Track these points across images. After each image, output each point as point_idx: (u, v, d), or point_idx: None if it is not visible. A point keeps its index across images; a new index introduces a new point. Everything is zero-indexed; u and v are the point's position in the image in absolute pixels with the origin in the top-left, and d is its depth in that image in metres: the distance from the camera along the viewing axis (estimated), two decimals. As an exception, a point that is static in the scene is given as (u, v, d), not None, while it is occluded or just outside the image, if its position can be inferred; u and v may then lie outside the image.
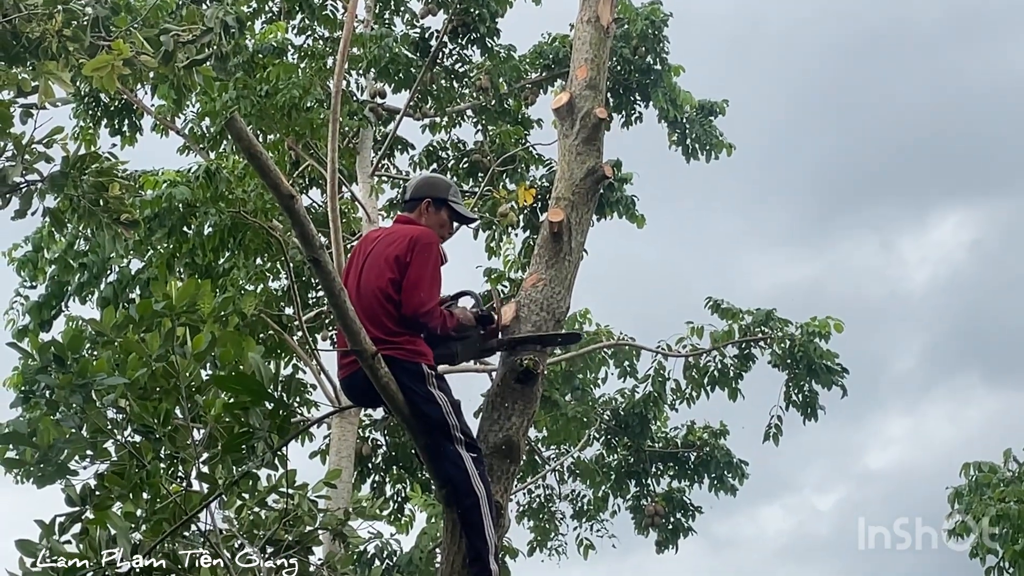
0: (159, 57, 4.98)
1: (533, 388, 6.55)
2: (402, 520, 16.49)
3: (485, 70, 16.19)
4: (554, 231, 6.95)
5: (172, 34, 4.93)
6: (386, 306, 6.26)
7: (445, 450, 6.13)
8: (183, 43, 4.94)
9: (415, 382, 6.12)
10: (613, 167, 16.28)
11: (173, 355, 8.41)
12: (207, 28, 5.00)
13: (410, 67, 15.79)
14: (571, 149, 7.26)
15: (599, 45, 7.54)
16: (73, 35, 4.83)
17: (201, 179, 12.79)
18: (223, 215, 13.10)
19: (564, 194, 7.13)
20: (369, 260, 6.45)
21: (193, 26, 5.08)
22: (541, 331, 6.74)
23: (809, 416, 15.43)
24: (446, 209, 6.73)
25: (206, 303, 9.13)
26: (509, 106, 16.78)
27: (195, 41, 4.99)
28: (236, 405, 7.24)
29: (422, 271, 6.33)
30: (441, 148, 17.10)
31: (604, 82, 7.47)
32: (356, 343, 5.94)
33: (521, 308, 6.79)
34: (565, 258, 6.96)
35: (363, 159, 15.84)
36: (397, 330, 6.22)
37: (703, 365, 15.72)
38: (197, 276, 13.44)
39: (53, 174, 5.52)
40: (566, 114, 7.35)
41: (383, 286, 6.29)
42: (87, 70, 4.92)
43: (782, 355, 15.30)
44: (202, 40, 5.00)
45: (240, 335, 8.93)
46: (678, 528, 16.83)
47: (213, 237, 13.33)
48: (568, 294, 6.94)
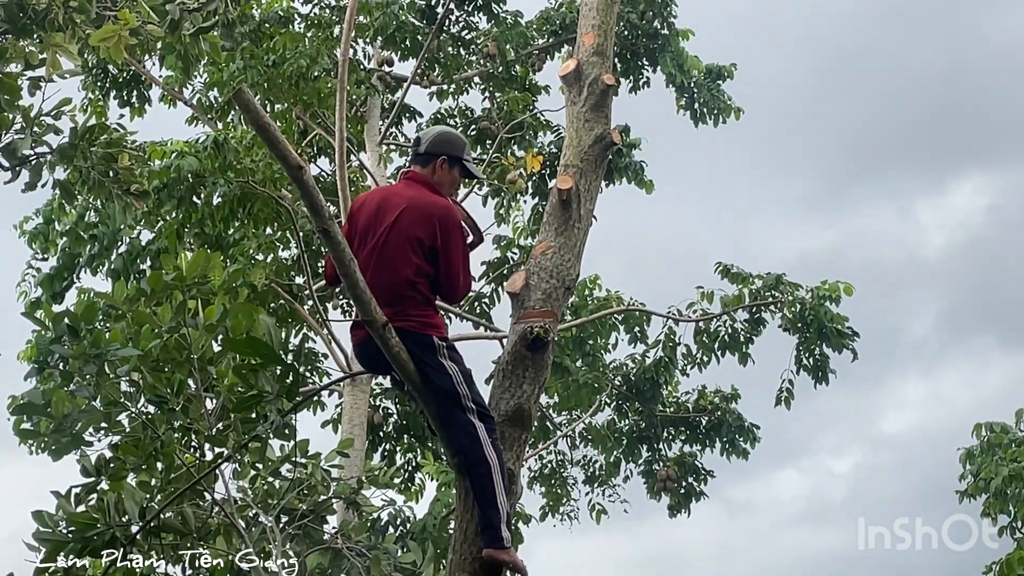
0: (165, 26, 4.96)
1: (544, 355, 6.54)
2: (413, 489, 16.54)
3: (492, 37, 16.16)
4: (563, 198, 6.92)
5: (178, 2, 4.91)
6: (411, 293, 6.20)
7: (457, 418, 6.12)
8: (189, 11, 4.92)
9: (426, 353, 6.11)
10: (621, 132, 16.26)
11: (185, 327, 8.45)
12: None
13: (417, 35, 15.77)
14: (579, 116, 7.22)
15: (606, 11, 7.49)
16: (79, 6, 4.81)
17: (209, 150, 12.78)
18: (232, 185, 13.09)
19: (572, 161, 7.09)
20: (389, 234, 6.26)
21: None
22: (551, 298, 6.73)
23: (820, 380, 15.43)
24: (459, 167, 6.65)
25: (216, 275, 9.16)
26: (516, 73, 16.75)
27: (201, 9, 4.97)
28: (247, 367, 7.25)
29: (455, 257, 6.30)
30: (449, 115, 17.06)
31: (611, 48, 7.43)
32: (367, 313, 5.93)
33: (531, 276, 6.77)
34: (574, 226, 6.93)
35: (371, 127, 15.82)
36: (419, 311, 6.22)
37: (713, 330, 15.72)
38: (207, 246, 13.48)
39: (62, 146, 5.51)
40: (573, 81, 7.31)
41: (409, 274, 6.21)
42: (94, 40, 4.90)
43: (792, 319, 15.28)
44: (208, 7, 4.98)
45: (251, 306, 8.97)
46: (690, 492, 16.87)
47: (222, 207, 13.32)
48: (578, 261, 6.92)
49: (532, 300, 6.71)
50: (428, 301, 6.26)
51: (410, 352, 6.10)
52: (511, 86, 16.63)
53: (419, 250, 6.24)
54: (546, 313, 6.67)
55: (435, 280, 6.29)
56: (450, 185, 6.66)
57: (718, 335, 15.71)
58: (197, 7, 4.94)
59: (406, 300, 6.18)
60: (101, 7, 4.97)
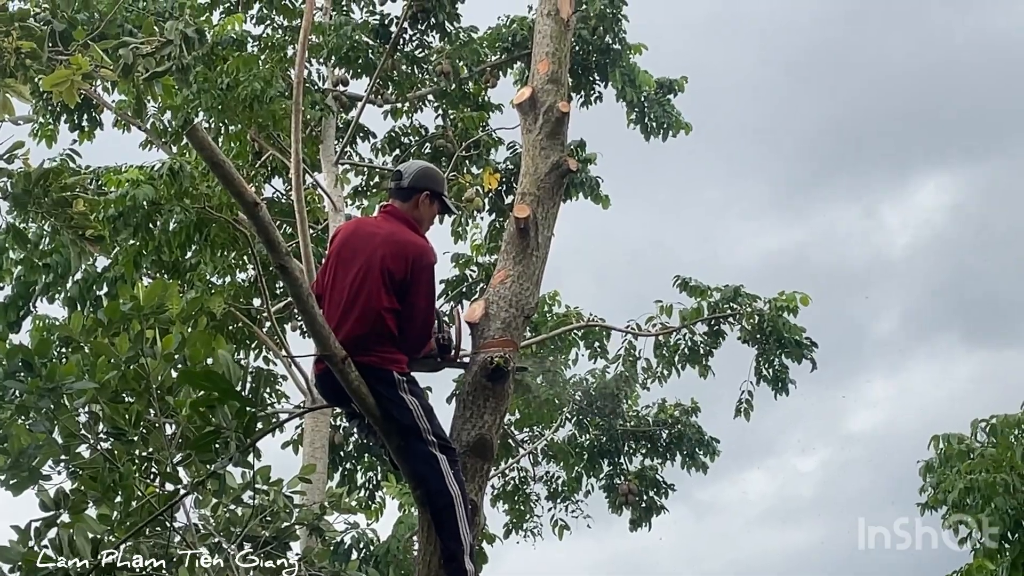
0: (119, 70, 4.93)
1: (504, 386, 6.55)
2: (373, 507, 16.52)
3: (445, 55, 16.12)
4: (520, 227, 6.93)
5: (131, 47, 4.89)
6: (380, 327, 6.19)
7: (418, 451, 6.11)
8: (143, 56, 4.89)
9: (386, 387, 6.10)
10: (577, 148, 16.29)
11: (143, 357, 8.40)
12: (167, 40, 4.96)
13: (370, 54, 15.73)
14: (535, 144, 7.23)
15: (560, 38, 7.51)
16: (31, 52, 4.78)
17: (165, 177, 12.71)
18: (188, 212, 13.04)
19: (529, 189, 7.11)
20: (362, 266, 6.26)
21: (152, 38, 5.03)
22: (511, 327, 6.73)
23: (780, 390, 15.47)
24: (438, 203, 6.66)
25: (174, 304, 9.11)
26: (469, 90, 16.74)
27: (155, 53, 4.95)
28: (203, 402, 7.20)
29: (420, 299, 6.29)
30: (403, 134, 17.04)
31: (566, 76, 7.44)
32: (326, 348, 5.94)
33: (490, 305, 6.78)
34: (532, 253, 6.94)
35: (326, 147, 15.78)
36: (382, 347, 6.19)
37: (673, 343, 15.74)
38: (164, 272, 13.44)
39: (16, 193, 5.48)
40: (528, 109, 7.32)
41: (379, 307, 6.19)
42: (46, 85, 4.87)
43: (751, 331, 15.33)
44: (162, 52, 4.96)
45: (209, 335, 8.92)
46: (651, 506, 16.88)
47: (179, 234, 13.25)
48: (536, 289, 6.94)
49: (492, 330, 6.72)
50: (392, 337, 6.24)
51: (370, 386, 6.10)
52: (465, 104, 16.63)
53: (390, 285, 6.24)
54: (506, 342, 6.68)
55: (400, 317, 6.27)
56: (429, 220, 6.68)
57: (678, 348, 15.74)
58: (151, 51, 4.91)
59: (372, 335, 6.18)
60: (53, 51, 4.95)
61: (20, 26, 4.78)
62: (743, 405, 15.66)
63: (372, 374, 6.10)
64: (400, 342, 6.28)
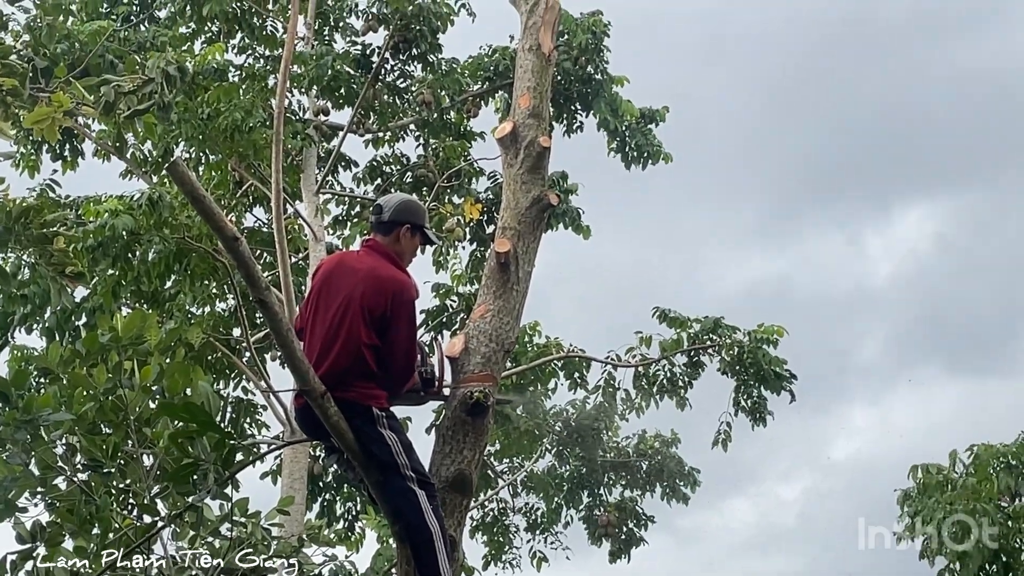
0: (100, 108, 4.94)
1: (484, 421, 6.56)
2: (352, 539, 16.47)
3: (427, 84, 16.17)
4: (501, 261, 6.95)
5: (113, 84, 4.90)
6: (360, 363, 6.18)
7: (397, 487, 6.11)
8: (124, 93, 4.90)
9: (365, 423, 6.11)
10: (559, 179, 16.32)
11: (121, 388, 8.39)
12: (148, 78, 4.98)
13: (352, 84, 15.76)
14: (516, 178, 7.27)
15: (541, 73, 7.56)
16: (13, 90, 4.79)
17: (144, 207, 12.71)
18: (167, 242, 13.03)
19: (510, 223, 7.13)
20: (343, 301, 6.27)
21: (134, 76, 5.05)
22: (491, 362, 6.75)
23: (758, 421, 15.49)
24: (420, 235, 6.66)
25: (152, 335, 9.09)
26: (451, 120, 16.78)
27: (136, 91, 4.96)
28: (182, 434, 7.19)
29: (400, 335, 6.28)
30: (385, 163, 17.06)
31: (547, 110, 7.48)
32: (305, 383, 5.94)
33: (470, 340, 6.80)
34: (512, 288, 6.96)
35: (307, 177, 15.78)
36: (362, 382, 6.20)
37: (652, 374, 15.75)
38: (143, 303, 13.42)
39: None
40: (510, 143, 7.36)
41: (359, 343, 6.19)
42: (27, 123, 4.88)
43: (731, 362, 15.35)
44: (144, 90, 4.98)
45: (187, 366, 8.91)
46: (631, 537, 16.87)
47: (158, 264, 13.25)
48: (516, 324, 6.96)
49: (471, 364, 6.74)
50: (372, 373, 6.24)
51: (349, 422, 6.10)
52: (446, 133, 16.67)
53: (369, 320, 6.24)
54: (485, 377, 6.70)
55: (380, 355, 6.27)
56: (411, 253, 6.68)
57: (657, 379, 15.74)
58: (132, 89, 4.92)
59: (352, 370, 6.18)
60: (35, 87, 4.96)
61: (1, 63, 4.79)
62: (721, 435, 15.67)
63: (351, 409, 6.11)
64: (380, 378, 6.29)
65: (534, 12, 7.79)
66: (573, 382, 16.39)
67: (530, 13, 7.82)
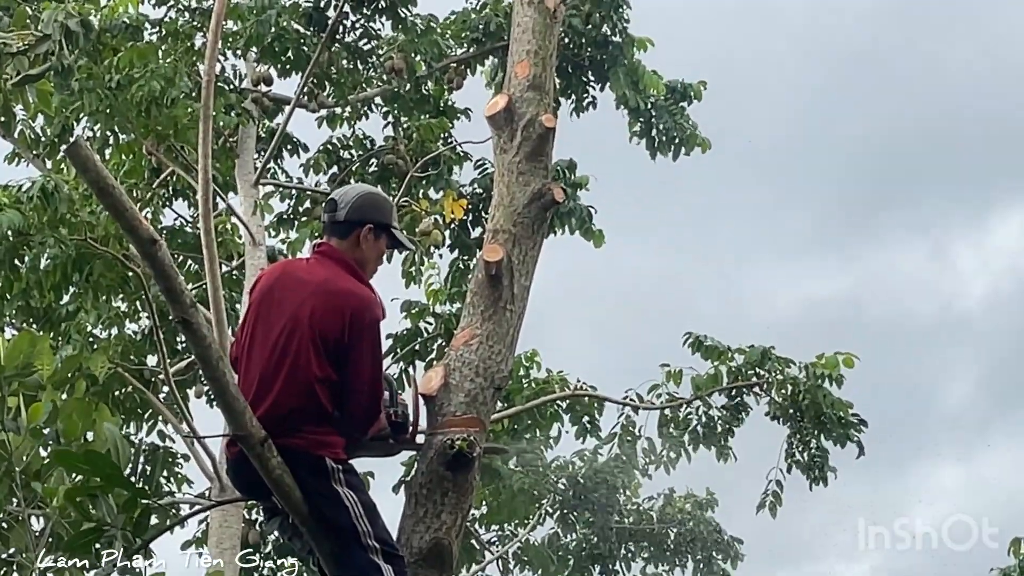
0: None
1: (467, 476, 6.56)
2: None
3: (398, 47, 16.18)
4: (491, 273, 6.95)
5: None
6: (311, 401, 6.18)
7: (356, 560, 6.10)
8: (11, 55, 4.89)
9: (316, 478, 6.09)
10: (566, 169, 16.36)
11: (4, 431, 8.39)
12: (43, 35, 4.96)
13: (302, 45, 15.78)
14: (511, 168, 7.27)
15: (544, 34, 7.57)
16: None
17: (36, 200, 12.70)
18: (65, 244, 13.03)
19: (503, 225, 7.14)
20: (287, 323, 6.25)
21: (24, 32, 5.04)
22: (477, 401, 6.75)
23: (817, 480, 15.50)
24: (386, 237, 6.64)
25: (45, 363, 9.09)
26: (429, 92, 16.81)
27: (28, 52, 4.94)
28: (82, 490, 7.19)
29: (363, 365, 6.26)
30: (343, 146, 17.09)
31: (551, 81, 7.50)
32: (240, 427, 5.93)
33: (451, 373, 6.79)
34: (505, 307, 6.97)
35: (244, 163, 15.81)
36: (313, 427, 6.19)
37: (683, 418, 15.76)
38: (32, 322, 13.40)
39: None
40: (504, 123, 7.36)
41: (309, 377, 6.17)
42: None
43: (782, 404, 15.36)
44: (37, 50, 4.96)
45: (89, 403, 8.90)
46: (655, 626, 16.94)
47: (53, 272, 13.25)
48: (510, 353, 6.96)
49: (453, 404, 6.74)
50: (326, 415, 6.23)
51: (296, 476, 6.09)
52: (422, 109, 16.69)
53: (322, 348, 6.23)
54: (470, 421, 6.70)
55: (336, 392, 6.25)
56: (375, 260, 6.63)
57: (689, 425, 15.76)
58: (22, 49, 4.91)
59: (301, 411, 6.16)
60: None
61: None
62: (769, 497, 15.67)
63: (299, 461, 6.10)
64: (337, 421, 6.27)
65: (535, -45, 7.79)
66: (581, 428, 16.41)
67: (530, -44, 7.82)
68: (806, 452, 15.55)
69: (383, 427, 6.52)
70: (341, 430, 6.27)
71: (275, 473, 6.03)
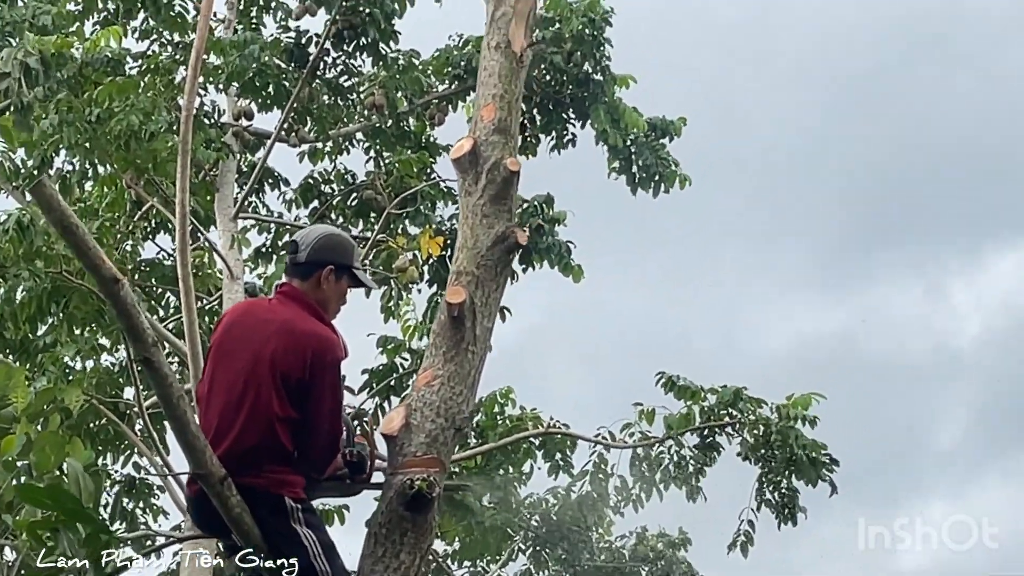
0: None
1: (427, 516, 6.59)
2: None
3: (379, 83, 16.22)
4: (454, 315, 7.00)
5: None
6: (271, 440, 6.23)
7: (313, 601, 6.14)
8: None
9: (275, 517, 6.14)
10: (543, 206, 16.38)
11: (-25, 465, 8.41)
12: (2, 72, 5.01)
13: (283, 80, 15.81)
14: (475, 210, 7.32)
15: (510, 78, 7.63)
16: None
17: (12, 233, 12.72)
18: (40, 277, 13.04)
19: (467, 267, 7.19)
20: (249, 362, 6.31)
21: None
22: (438, 442, 6.79)
23: (786, 519, 15.49)
24: (348, 277, 6.71)
25: (20, 396, 9.11)
26: (409, 128, 16.84)
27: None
28: (45, 525, 7.21)
29: (322, 404, 6.32)
30: (324, 181, 17.12)
31: (517, 124, 7.56)
32: (200, 465, 5.99)
33: (413, 413, 6.83)
34: (467, 349, 7.01)
35: (223, 197, 15.81)
36: (273, 466, 6.22)
37: (655, 457, 15.75)
38: (8, 354, 13.41)
39: None
40: (469, 166, 7.42)
41: (270, 416, 6.23)
42: None
43: (754, 444, 15.37)
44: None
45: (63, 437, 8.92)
46: (627, 664, 16.93)
47: (28, 304, 13.26)
48: (472, 394, 6.99)
49: (414, 444, 6.77)
50: (286, 454, 6.27)
51: (256, 515, 6.13)
52: (403, 144, 16.72)
53: (283, 388, 6.27)
54: (430, 461, 6.73)
55: (298, 429, 6.30)
56: (337, 301, 6.69)
57: (661, 464, 15.75)
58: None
59: (261, 450, 6.20)
60: None
61: None
62: (741, 536, 15.67)
63: (258, 499, 6.14)
64: (297, 460, 6.32)
65: (503, 0, 7.87)
66: (555, 465, 16.40)
67: (498, 1, 7.90)
68: (776, 492, 15.55)
69: (339, 467, 6.57)
70: (300, 469, 6.33)
71: (234, 511, 6.08)
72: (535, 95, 16.60)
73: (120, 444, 15.01)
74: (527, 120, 16.71)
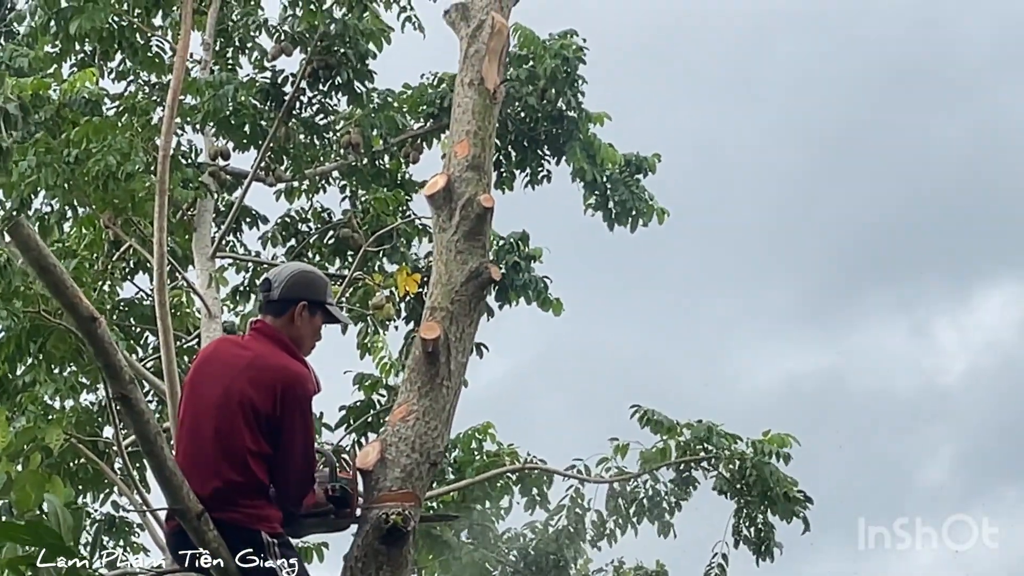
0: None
1: (402, 550, 6.61)
2: None
3: (355, 122, 16.26)
4: (428, 350, 7.03)
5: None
6: (246, 475, 6.23)
7: (290, 636, 6.16)
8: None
9: (253, 552, 6.15)
10: (519, 242, 16.42)
11: (-45, 504, 8.43)
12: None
13: (259, 120, 15.84)
14: (449, 246, 7.36)
15: (484, 115, 7.67)
16: None
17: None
18: (19, 317, 13.05)
19: (441, 303, 7.22)
20: (221, 398, 6.32)
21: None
22: (413, 476, 6.81)
23: (763, 555, 15.52)
24: (321, 313, 6.72)
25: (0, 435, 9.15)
26: (385, 166, 16.88)
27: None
28: (23, 560, 7.21)
29: (294, 438, 6.33)
30: (301, 219, 17.14)
31: (490, 161, 7.59)
32: (178, 500, 6.00)
33: (388, 448, 6.85)
34: (442, 384, 7.04)
35: (201, 236, 15.81)
36: (249, 500, 6.25)
37: (631, 491, 15.78)
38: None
39: None
40: (443, 202, 7.45)
41: (243, 451, 6.23)
42: None
43: (730, 479, 15.41)
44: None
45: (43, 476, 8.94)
46: None
47: (7, 344, 13.26)
48: (446, 429, 7.02)
49: (389, 479, 6.78)
50: (262, 488, 6.30)
51: (232, 549, 6.15)
52: (379, 182, 16.75)
53: (254, 422, 6.29)
54: (406, 496, 6.75)
55: (271, 464, 6.32)
56: (311, 337, 6.70)
57: (636, 498, 15.76)
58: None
59: (236, 485, 6.22)
60: None
61: None
62: (714, 570, 15.69)
63: (235, 534, 6.15)
64: (273, 495, 6.34)
65: (476, 38, 7.91)
66: (531, 499, 16.42)
67: (471, 38, 7.94)
68: (751, 527, 15.58)
69: (320, 502, 6.59)
70: (277, 503, 6.35)
71: (212, 546, 6.10)
72: (509, 132, 16.67)
73: (100, 482, 14.97)
74: (502, 156, 16.77)
